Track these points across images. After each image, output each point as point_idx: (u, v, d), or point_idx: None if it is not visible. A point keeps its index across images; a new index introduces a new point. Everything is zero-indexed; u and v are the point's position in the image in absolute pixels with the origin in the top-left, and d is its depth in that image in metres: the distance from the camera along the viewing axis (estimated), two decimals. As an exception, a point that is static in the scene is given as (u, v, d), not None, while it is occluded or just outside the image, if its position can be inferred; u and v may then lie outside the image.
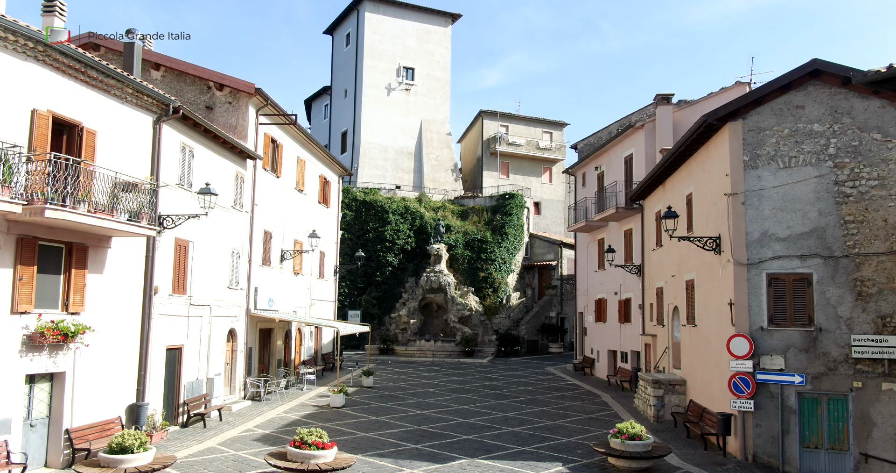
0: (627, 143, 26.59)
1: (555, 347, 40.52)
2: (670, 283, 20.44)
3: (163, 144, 15.52)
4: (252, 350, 21.20)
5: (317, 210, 27.94)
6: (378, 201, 41.26)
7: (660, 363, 21.48)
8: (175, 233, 16.10)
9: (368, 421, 18.03)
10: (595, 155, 29.81)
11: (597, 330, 29.67)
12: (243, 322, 20.35)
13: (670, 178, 20.61)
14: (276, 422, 17.64)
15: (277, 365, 23.33)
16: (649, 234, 23.34)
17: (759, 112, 15.03)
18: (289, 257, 23.76)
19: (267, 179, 22.22)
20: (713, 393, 16.19)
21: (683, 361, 19.09)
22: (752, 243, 14.70)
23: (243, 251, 20.25)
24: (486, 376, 28.83)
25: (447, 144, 48.32)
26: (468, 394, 23.28)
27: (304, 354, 26.57)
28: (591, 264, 30.50)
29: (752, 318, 14.55)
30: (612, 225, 27.91)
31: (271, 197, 22.60)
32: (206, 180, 17.30)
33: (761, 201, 14.77)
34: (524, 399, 22.40)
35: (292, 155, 24.76)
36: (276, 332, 23.20)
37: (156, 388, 15.40)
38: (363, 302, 40.01)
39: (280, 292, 23.17)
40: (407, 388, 24.50)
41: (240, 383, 20.25)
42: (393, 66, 47.15)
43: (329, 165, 29.62)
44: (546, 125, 50.76)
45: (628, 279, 25.83)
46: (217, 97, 20.72)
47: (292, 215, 24.64)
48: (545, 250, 43.36)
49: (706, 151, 16.84)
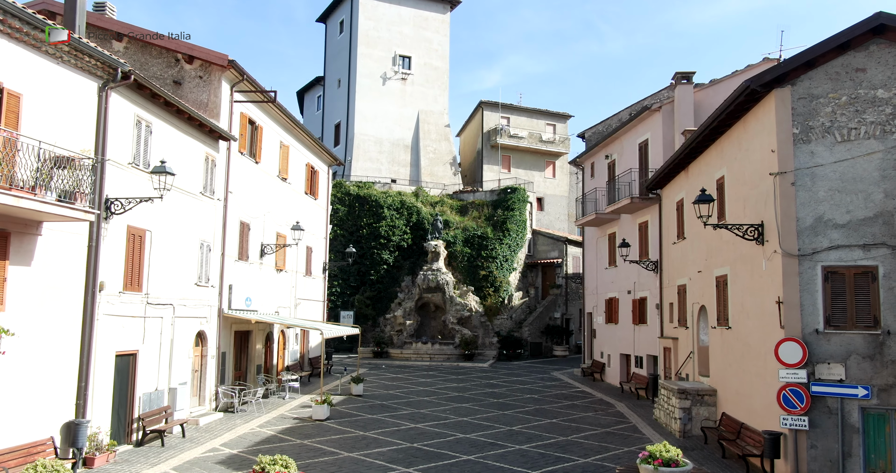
0: (642, 128, 24.34)
1: (560, 350, 38.24)
2: (696, 280, 18.19)
3: (111, 115, 13.23)
4: (226, 355, 18.92)
5: (303, 202, 25.66)
6: (372, 196, 39.01)
7: (682, 369, 19.22)
8: (128, 220, 13.82)
9: (354, 438, 15.74)
10: (605, 143, 27.57)
11: (607, 332, 27.40)
12: (215, 324, 18.07)
13: (695, 162, 18.37)
14: (248, 439, 15.34)
15: (256, 372, 21.04)
16: (669, 226, 21.09)
17: (812, 77, 12.75)
18: (270, 252, 21.47)
19: (244, 164, 19.94)
20: (753, 406, 13.93)
21: (713, 368, 16.83)
22: (804, 230, 12.44)
23: (215, 244, 17.97)
24: (488, 382, 26.56)
25: (445, 136, 46.01)
26: (468, 403, 21.00)
27: (288, 358, 24.26)
28: (601, 260, 28.22)
29: (805, 319, 12.28)
30: (624, 218, 25.65)
31: (249, 184, 20.32)
32: (168, 160, 15.02)
33: (815, 181, 12.50)
34: (530, 410, 20.13)
35: (274, 139, 22.47)
36: (255, 334, 20.91)
37: (102, 402, 13.11)
38: (356, 302, 37.74)
39: (260, 290, 20.89)
40: (401, 396, 22.21)
41: (210, 392, 17.96)
42: (388, 54, 44.89)
43: (317, 153, 27.34)
44: (549, 117, 48.49)
45: (643, 277, 23.57)
46: (186, 71, 18.43)
47: (274, 205, 22.36)
48: (549, 248, 41.07)
49: (744, 126, 14.58)
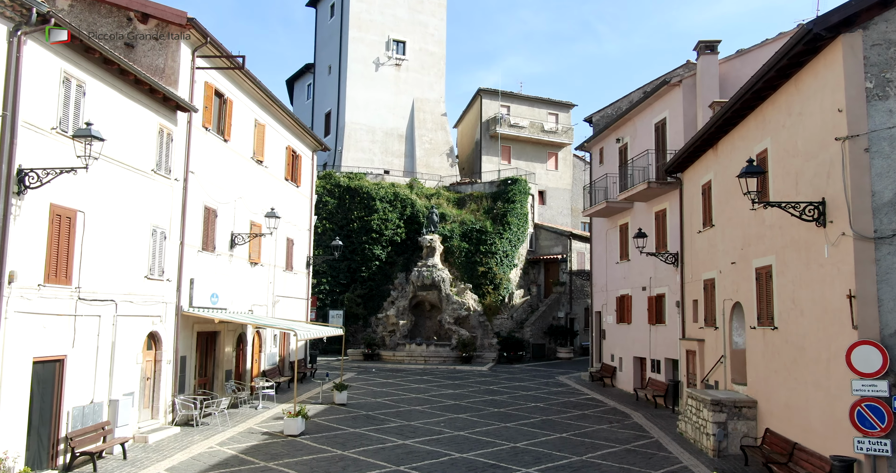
0: (659, 105, 21.90)
1: (564, 352, 35.79)
2: (728, 272, 15.75)
3: (26, 67, 10.76)
4: (186, 360, 16.44)
5: (283, 189, 23.19)
6: (364, 187, 36.53)
7: (711, 375, 16.79)
8: (51, 198, 11.35)
9: (329, 459, 13.25)
10: (616, 125, 25.13)
11: (619, 333, 24.96)
12: (171, 324, 15.60)
13: (726, 137, 15.94)
14: (201, 461, 12.85)
15: (225, 378, 18.56)
16: (692, 213, 18.66)
17: (888, 18, 10.30)
18: (241, 243, 18.99)
19: (209, 141, 17.48)
20: (810, 424, 11.49)
21: (752, 375, 14.38)
22: (881, 207, 10.00)
23: (171, 231, 15.50)
24: (487, 387, 24.10)
25: (442, 125, 43.53)
26: (466, 414, 18.55)
27: (265, 362, 21.77)
28: (612, 254, 25.77)
29: (885, 318, 9.85)
30: (638, 207, 23.21)
31: (216, 165, 17.86)
32: (107, 128, 12.56)
33: (894, 146, 10.08)
34: (536, 421, 17.68)
35: (247, 116, 20.00)
36: (223, 336, 18.44)
37: (14, 419, 10.63)
38: (346, 301, 35.26)
39: (229, 285, 18.42)
40: (389, 405, 19.74)
41: (166, 403, 15.48)
42: (381, 38, 42.42)
43: (299, 136, 24.87)
44: (551, 106, 46.02)
45: (661, 271, 21.14)
46: (139, 32, 15.94)
47: (247, 190, 19.89)
48: (552, 243, 38.61)
49: (795, 85, 12.13)
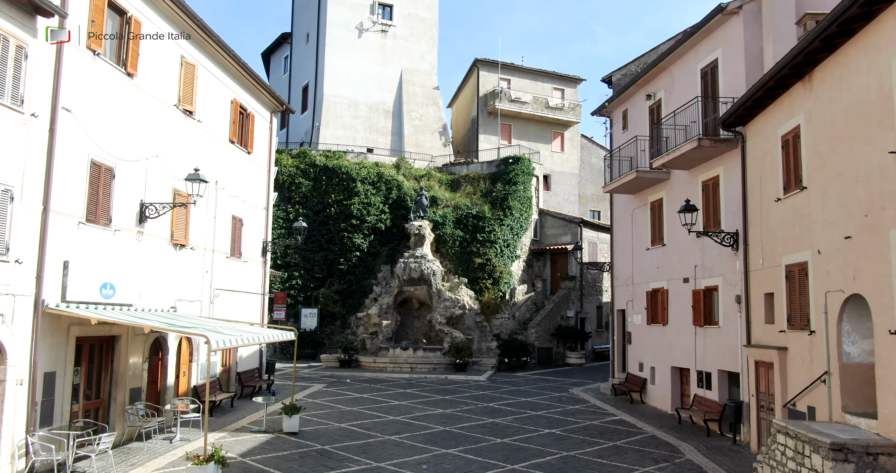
0: (707, 45, 17.05)
1: (574, 357, 30.92)
2: (835, 252, 10.91)
3: None
4: (55, 378, 11.48)
5: (227, 153, 18.28)
6: (343, 167, 31.63)
7: (802, 398, 11.95)
8: None
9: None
10: (646, 79, 20.27)
11: (650, 336, 20.08)
12: (25, 326, 10.66)
13: (829, 60, 11.13)
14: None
15: (130, 400, 13.61)
16: (765, 175, 13.81)
17: None
18: (154, 215, 14.04)
19: (98, 69, 12.53)
20: None
21: (889, 403, 9.52)
22: None
23: (24, 190, 10.58)
24: (486, 405, 19.23)
25: (434, 99, 38.61)
26: (458, 448, 13.64)
27: (197, 375, 16.79)
28: (640, 239, 20.90)
29: None
30: (677, 177, 18.37)
31: (113, 106, 12.92)
32: None
33: None
34: (555, 461, 12.78)
35: (169, 50, 15.06)
36: (125, 343, 13.50)
37: None
38: (321, 297, 30.36)
39: (136, 273, 13.48)
40: (357, 434, 14.82)
41: (14, 444, 10.53)
42: (366, 1, 37.52)
43: (252, 90, 19.93)
44: (557, 80, 41.20)
45: (711, 257, 16.30)
46: None
47: (168, 148, 14.95)
48: (560, 231, 33.73)
49: None
